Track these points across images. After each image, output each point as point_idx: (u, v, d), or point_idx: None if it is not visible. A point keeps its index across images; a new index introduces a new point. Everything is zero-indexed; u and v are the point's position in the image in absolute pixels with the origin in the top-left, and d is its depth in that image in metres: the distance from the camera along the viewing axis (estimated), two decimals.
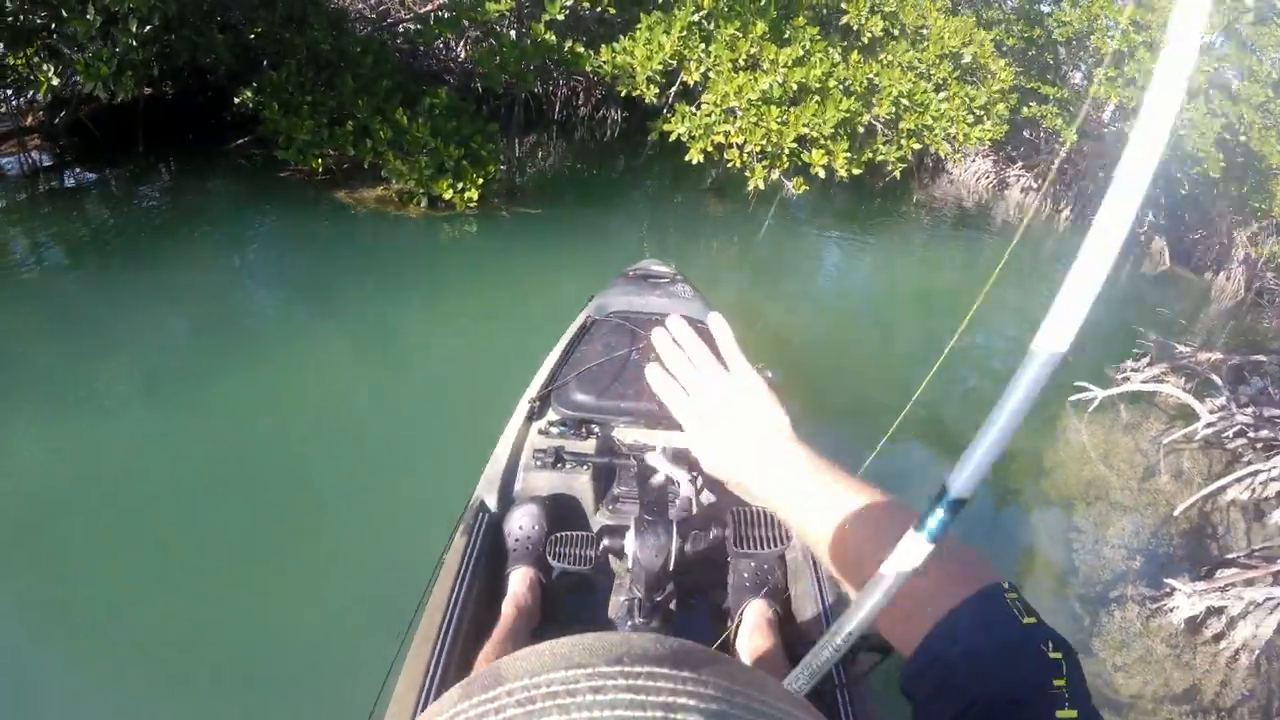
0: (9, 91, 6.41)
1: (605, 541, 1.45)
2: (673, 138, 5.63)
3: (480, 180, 5.07)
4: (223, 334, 4.23)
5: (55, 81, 5.70)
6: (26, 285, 4.80)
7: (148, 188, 5.54)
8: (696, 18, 5.91)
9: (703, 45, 5.93)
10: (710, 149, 5.72)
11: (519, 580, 1.57)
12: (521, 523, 1.64)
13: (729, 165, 5.72)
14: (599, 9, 6.08)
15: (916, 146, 6.56)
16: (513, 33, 5.99)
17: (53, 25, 5.88)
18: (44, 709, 2.19)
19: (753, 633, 1.40)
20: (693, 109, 5.78)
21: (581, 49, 5.84)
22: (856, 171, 5.93)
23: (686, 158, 5.55)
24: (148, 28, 4.88)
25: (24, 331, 4.36)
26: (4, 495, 2.98)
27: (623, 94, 5.62)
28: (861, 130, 6.46)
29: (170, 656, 2.31)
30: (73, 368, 3.96)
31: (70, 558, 2.70)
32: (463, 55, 6.44)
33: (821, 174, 5.76)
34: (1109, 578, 3.20)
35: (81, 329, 4.25)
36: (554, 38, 5.78)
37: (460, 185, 5.04)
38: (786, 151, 5.88)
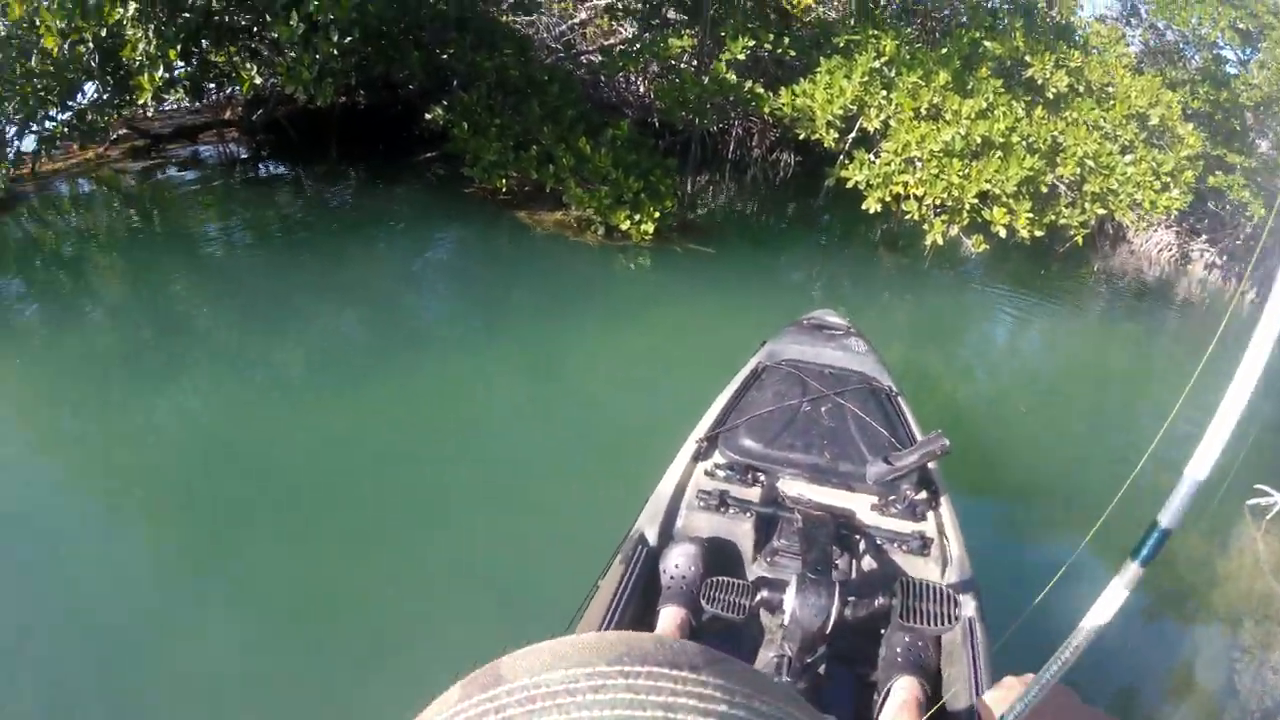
0: (212, 85, 6.93)
1: (763, 593, 1.42)
2: (850, 184, 5.49)
3: (657, 214, 5.07)
4: (392, 334, 4.37)
5: (257, 80, 6.11)
6: (215, 263, 5.10)
7: (337, 189, 5.84)
8: (878, 64, 5.78)
9: (884, 92, 5.79)
10: (888, 199, 5.55)
11: (669, 619, 1.54)
12: (678, 561, 1.61)
13: (906, 217, 5.52)
14: (779, 51, 6.03)
15: (1101, 212, 6.18)
16: (693, 69, 6.02)
17: (255, 28, 6.33)
18: (186, 644, 2.29)
19: (899, 710, 1.34)
20: (871, 156, 5.63)
21: (761, 89, 5.79)
22: (1038, 234, 5.62)
23: (863, 206, 5.39)
24: (347, 39, 5.08)
25: (208, 304, 4.62)
26: (171, 451, 3.19)
27: (801, 137, 5.53)
28: (1045, 190, 6.14)
29: (297, 631, 2.35)
30: (248, 343, 4.15)
31: (220, 512, 2.85)
32: (642, 89, 6.52)
33: (1002, 233, 5.49)
34: (1270, 705, 2.82)
35: (261, 309, 4.45)
36: (734, 77, 5.77)
37: (637, 217, 5.06)
38: (967, 207, 5.64)
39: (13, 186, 6.03)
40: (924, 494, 1.76)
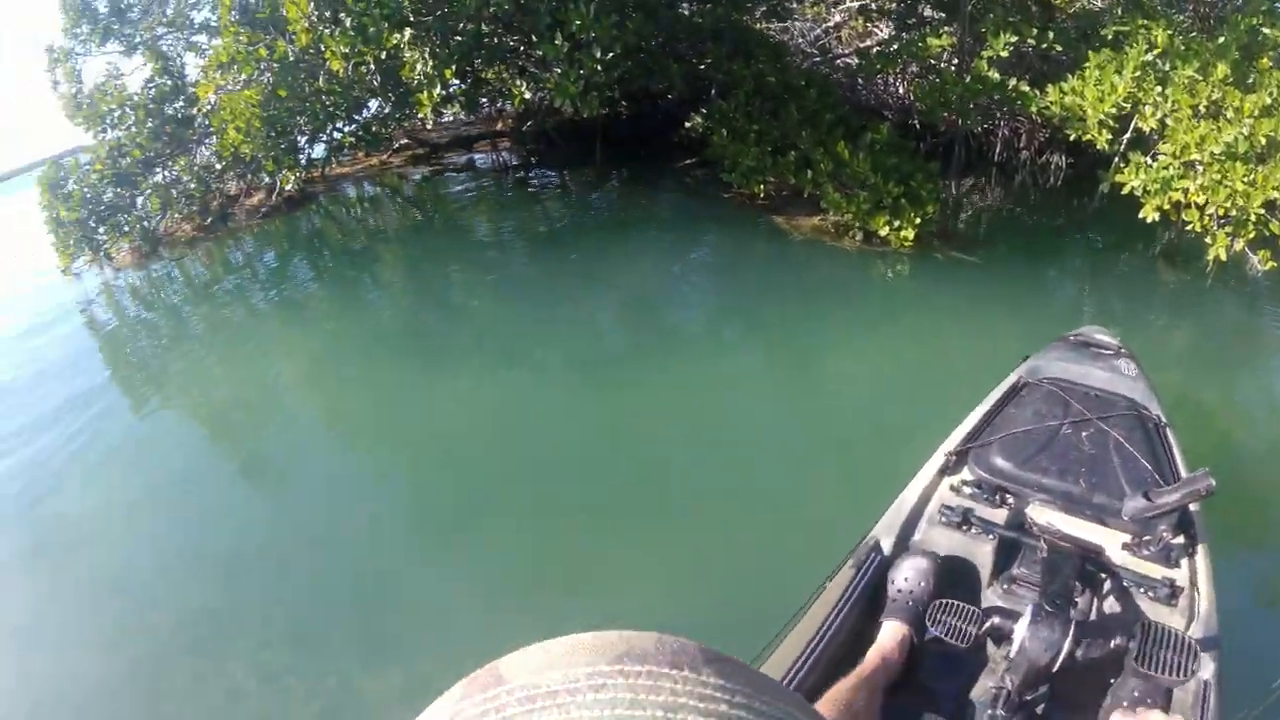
0: (484, 100, 7.77)
1: (993, 621, 1.37)
2: (1125, 190, 5.14)
3: (917, 220, 5.05)
4: (649, 330, 4.66)
5: (527, 95, 6.76)
6: (487, 259, 5.75)
7: (600, 194, 6.38)
8: (1150, 56, 5.33)
9: (1158, 88, 5.33)
10: (1166, 207, 5.13)
11: (890, 633, 1.50)
12: (909, 575, 1.57)
13: (1187, 228, 5.09)
14: (1043, 46, 5.74)
15: None
16: (954, 68, 5.90)
17: (524, 48, 6.98)
18: (429, 583, 2.68)
19: None
20: (1148, 160, 5.23)
21: (1026, 87, 5.56)
22: None
23: (1140, 215, 5.03)
24: (609, 55, 5.42)
25: (479, 295, 5.22)
26: (438, 431, 3.64)
27: (1071, 138, 5.26)
28: None
29: (532, 598, 2.58)
30: (514, 332, 4.63)
31: (472, 477, 3.25)
32: (901, 91, 6.49)
33: None
34: None
35: (527, 302, 4.96)
36: (996, 75, 5.58)
37: (897, 223, 5.07)
38: (1253, 218, 5.09)
39: (305, 187, 7.16)
40: (1181, 538, 1.63)
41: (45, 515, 3.47)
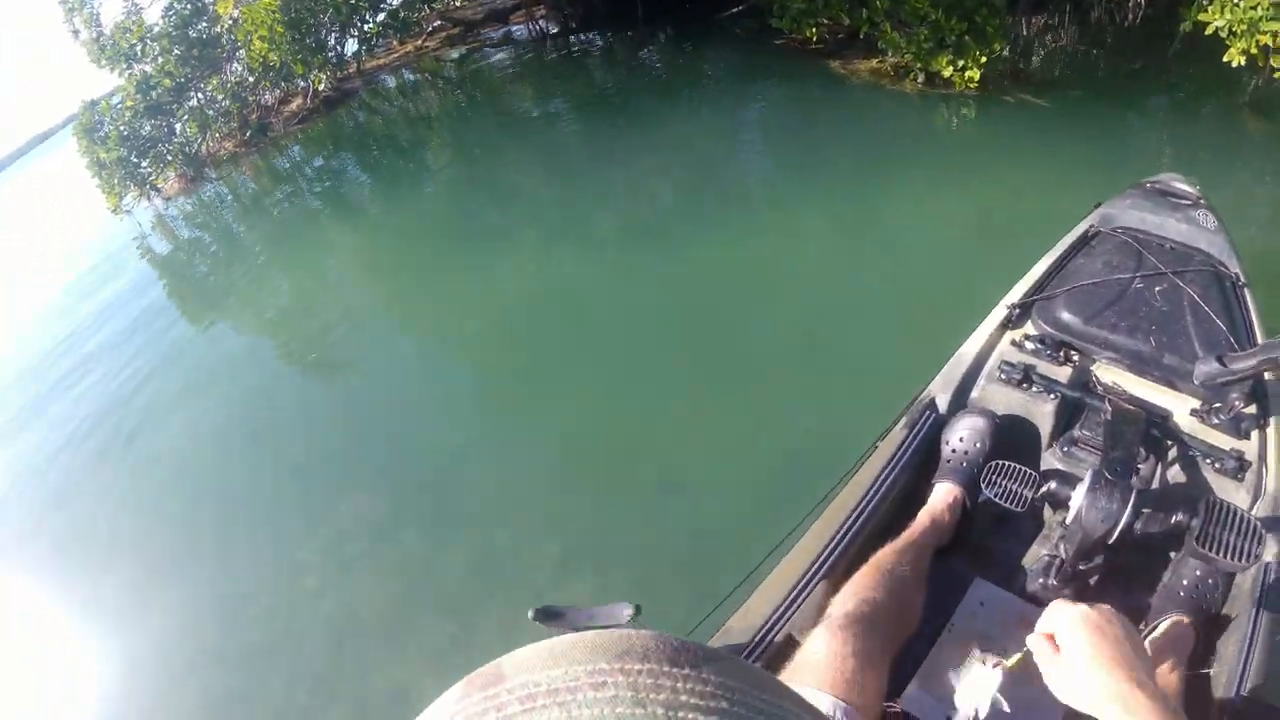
0: None
1: (1050, 485, 1.27)
2: (1208, 31, 4.72)
3: (983, 59, 4.68)
4: (705, 190, 4.47)
5: None
6: (534, 132, 5.46)
7: (646, 54, 5.99)
8: None
9: None
10: (1254, 51, 4.72)
11: (942, 495, 1.43)
12: (964, 434, 1.48)
13: (1275, 75, 4.68)
14: None
15: None
16: None
17: None
18: (492, 464, 2.74)
19: (1163, 650, 1.18)
20: None
21: None
22: None
23: (1224, 59, 4.63)
24: None
25: (530, 170, 4.98)
26: (498, 309, 3.64)
27: None
28: None
29: (602, 446, 2.67)
30: (568, 204, 4.44)
31: (534, 355, 3.26)
32: None
33: None
34: None
35: (579, 172, 4.74)
36: None
37: (961, 63, 4.70)
38: None
39: (341, 85, 6.89)
40: (1253, 408, 1.51)
41: (137, 414, 3.83)
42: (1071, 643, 0.72)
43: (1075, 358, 1.66)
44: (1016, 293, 1.82)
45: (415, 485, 2.82)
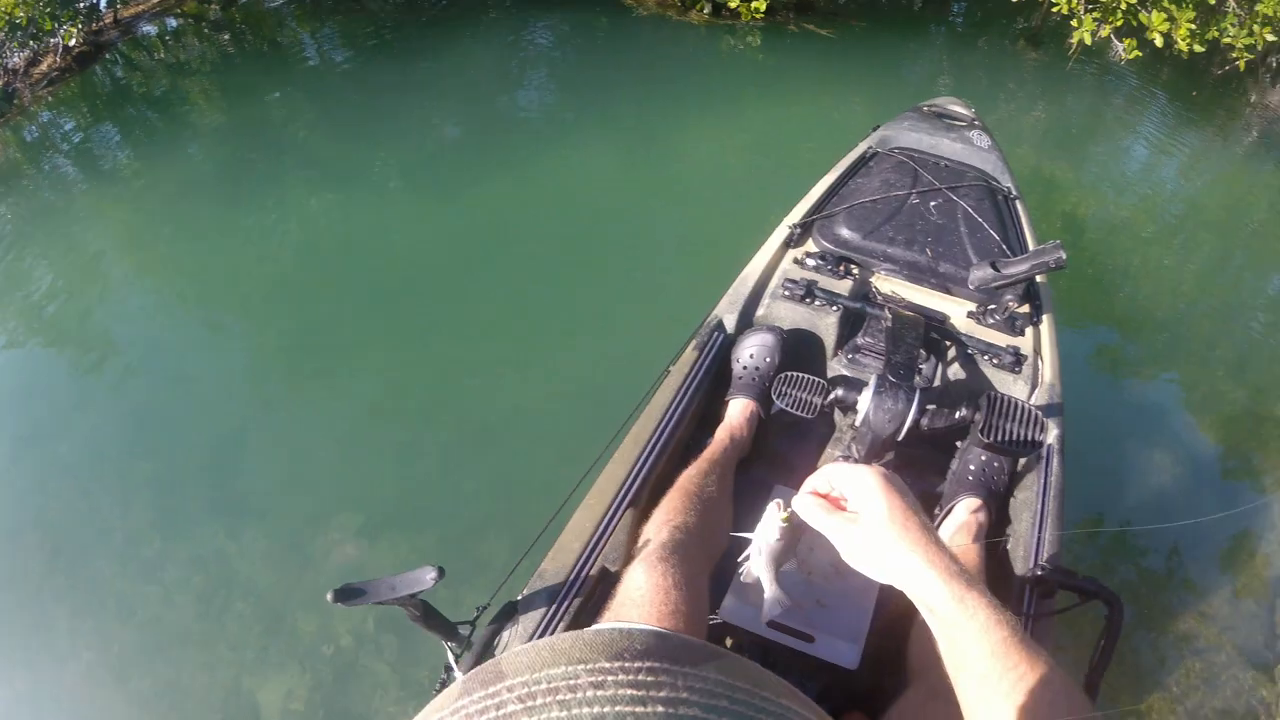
0: None
1: (837, 392, 1.34)
2: None
3: None
4: (488, 127, 4.24)
5: None
6: (308, 76, 5.01)
7: None
8: None
9: None
10: None
11: (737, 410, 1.46)
12: (753, 351, 1.51)
13: (1054, 9, 4.84)
14: None
15: (1270, 39, 5.27)
16: None
17: None
18: (286, 437, 2.47)
19: (957, 530, 1.27)
20: None
21: None
22: (1198, 49, 4.83)
23: None
24: None
25: (305, 117, 4.56)
26: (281, 269, 3.30)
27: None
28: (1212, 2, 5.28)
29: (398, 405, 2.52)
30: (345, 151, 4.09)
31: (324, 314, 2.98)
32: None
33: (1159, 41, 4.74)
34: None
35: (356, 117, 4.38)
36: None
37: None
38: (1124, 6, 4.89)
39: (97, 37, 6.08)
40: (1026, 308, 1.62)
41: None
42: (871, 503, 0.65)
43: (855, 271, 1.70)
44: (797, 213, 1.85)
45: (203, 472, 2.46)
